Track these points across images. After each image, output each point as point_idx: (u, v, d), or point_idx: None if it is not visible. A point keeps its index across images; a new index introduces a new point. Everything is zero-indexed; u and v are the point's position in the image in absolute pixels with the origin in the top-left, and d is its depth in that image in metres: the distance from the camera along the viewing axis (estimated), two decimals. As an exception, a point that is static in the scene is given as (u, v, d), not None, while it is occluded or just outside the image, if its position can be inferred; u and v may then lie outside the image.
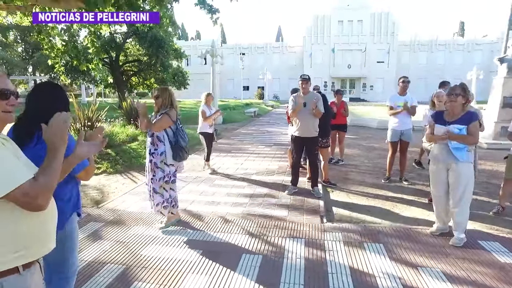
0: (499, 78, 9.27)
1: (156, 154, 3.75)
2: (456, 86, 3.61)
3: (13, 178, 1.15)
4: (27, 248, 1.27)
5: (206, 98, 6.70)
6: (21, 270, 1.25)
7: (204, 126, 6.61)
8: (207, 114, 6.54)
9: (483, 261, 3.16)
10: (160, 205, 3.87)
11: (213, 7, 6.58)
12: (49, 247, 1.39)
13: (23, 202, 1.17)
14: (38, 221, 1.30)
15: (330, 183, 5.67)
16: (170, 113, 3.71)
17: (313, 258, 3.24)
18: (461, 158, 3.46)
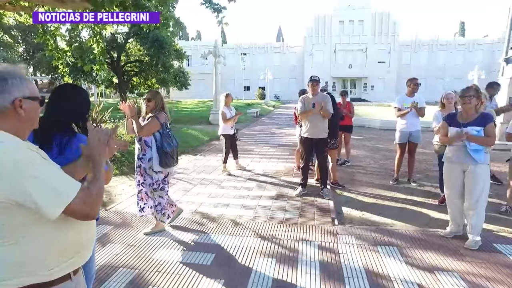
0: (505, 79, 9.23)
1: (144, 160, 3.71)
2: (470, 88, 3.59)
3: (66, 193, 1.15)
4: (78, 254, 1.32)
5: (225, 99, 6.66)
6: (72, 276, 1.30)
7: (225, 128, 6.59)
8: (228, 116, 6.52)
9: (501, 264, 3.12)
10: (153, 209, 3.86)
11: (219, 6, 6.51)
12: (92, 250, 1.45)
13: (79, 212, 1.18)
14: (87, 227, 1.34)
15: (339, 185, 5.64)
16: (159, 116, 3.64)
17: (328, 261, 3.20)
18: (480, 160, 3.42)
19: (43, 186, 1.11)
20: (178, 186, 5.76)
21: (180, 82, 30.63)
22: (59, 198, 1.12)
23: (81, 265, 1.38)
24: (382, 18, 47.32)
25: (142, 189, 3.84)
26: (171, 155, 3.69)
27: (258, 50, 53.02)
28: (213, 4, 6.61)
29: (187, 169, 6.97)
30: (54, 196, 1.12)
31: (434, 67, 48.15)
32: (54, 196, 1.12)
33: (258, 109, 22.87)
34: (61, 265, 1.24)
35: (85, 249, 1.37)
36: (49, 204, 1.11)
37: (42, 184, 1.11)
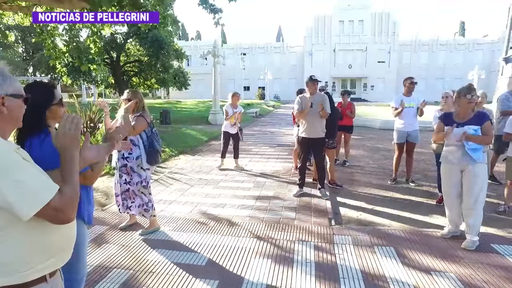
0: (504, 78, 9.19)
1: (131, 159, 3.71)
2: (472, 87, 3.57)
3: (41, 195, 1.11)
4: (55, 256, 1.29)
5: (231, 98, 6.82)
6: (48, 278, 1.27)
7: (226, 125, 6.79)
8: (230, 113, 6.67)
9: (498, 265, 3.09)
10: (141, 208, 3.84)
11: (216, 7, 6.51)
12: (71, 253, 1.41)
13: (52, 217, 1.15)
14: (66, 229, 1.30)
15: (337, 185, 5.60)
16: (145, 115, 3.68)
17: (324, 262, 3.17)
18: (478, 159, 3.40)
19: (18, 187, 1.08)
20: (175, 186, 5.73)
21: (179, 82, 30.62)
22: (33, 200, 1.09)
23: (59, 267, 1.35)
24: (382, 18, 47.28)
25: (129, 187, 3.80)
26: (160, 153, 3.82)
27: (258, 50, 52.99)
28: (209, 5, 6.60)
29: (184, 169, 6.94)
30: (28, 198, 1.09)
31: (434, 67, 48.12)
32: (29, 198, 1.09)
33: (257, 109, 22.85)
34: (37, 267, 1.21)
35: (64, 251, 1.34)
36: (23, 206, 1.08)
37: (18, 185, 1.08)
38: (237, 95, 6.84)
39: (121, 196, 3.85)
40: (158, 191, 5.47)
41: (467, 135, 3.38)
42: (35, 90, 1.76)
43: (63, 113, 1.86)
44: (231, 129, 6.74)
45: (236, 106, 6.78)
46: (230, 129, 6.75)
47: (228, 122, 6.71)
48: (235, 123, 6.74)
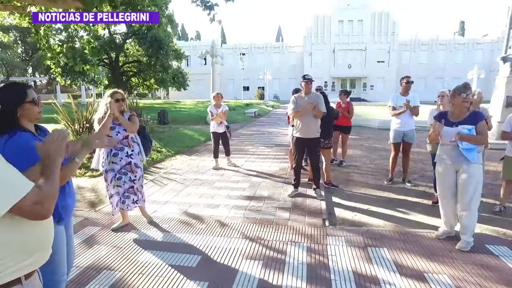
0: (502, 78, 9.16)
1: (135, 155, 3.90)
2: (468, 86, 3.51)
3: (18, 189, 1.13)
4: (31, 257, 1.27)
5: (213, 98, 6.97)
6: (23, 280, 1.25)
7: (213, 125, 6.98)
8: (214, 113, 6.84)
9: (492, 266, 3.06)
10: (142, 199, 4.07)
11: (210, 3, 6.47)
12: (50, 252, 1.40)
13: (29, 212, 1.16)
14: (41, 228, 1.30)
15: (332, 185, 5.56)
16: (135, 114, 3.99)
17: (316, 263, 3.13)
18: (472, 160, 3.35)
19: None
20: (170, 186, 5.69)
21: (178, 83, 30.60)
22: (8, 195, 1.10)
23: (36, 268, 1.33)
24: (382, 18, 47.22)
25: (134, 185, 3.95)
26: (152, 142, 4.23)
27: (258, 50, 52.95)
28: (204, 1, 6.57)
29: (180, 170, 6.90)
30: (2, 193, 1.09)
31: (434, 67, 48.06)
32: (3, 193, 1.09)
33: (256, 109, 22.80)
34: (10, 269, 1.19)
35: (42, 251, 1.33)
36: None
37: None
38: (219, 95, 6.95)
39: (124, 195, 3.93)
40: (153, 191, 5.43)
41: (461, 135, 3.34)
42: (6, 90, 1.80)
43: (37, 113, 1.83)
44: (218, 128, 6.89)
45: (219, 106, 6.88)
46: (217, 129, 6.90)
47: (215, 122, 6.83)
48: (221, 122, 6.83)
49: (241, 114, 20.60)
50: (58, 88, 39.53)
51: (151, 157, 7.80)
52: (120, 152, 3.82)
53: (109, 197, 3.95)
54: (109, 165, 3.83)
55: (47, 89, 52.90)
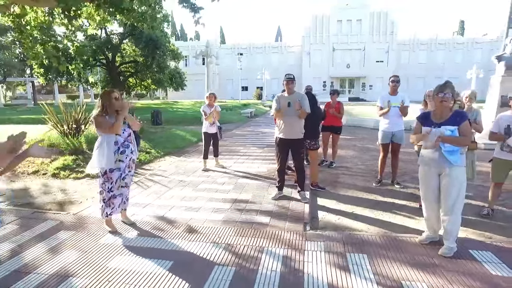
0: (496, 77, 9.02)
1: (135, 151, 4.01)
2: (446, 85, 3.39)
3: None
4: None
5: (207, 98, 6.92)
6: None
7: (205, 125, 6.91)
8: (207, 113, 6.77)
9: (474, 274, 2.92)
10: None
11: (196, 6, 6.37)
12: None
13: None
14: None
15: (319, 187, 5.43)
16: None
17: (290, 270, 3.00)
18: (455, 162, 3.21)
19: None
20: (153, 189, 5.57)
21: (176, 83, 30.51)
22: None
23: None
24: (380, 17, 47.06)
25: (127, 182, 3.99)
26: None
27: (256, 50, 52.82)
28: (190, 3, 6.46)
29: (167, 171, 6.78)
30: None
31: (433, 66, 47.85)
32: None
33: (253, 109, 22.67)
34: None
35: None
36: None
37: None
38: (212, 96, 6.88)
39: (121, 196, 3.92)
40: (135, 193, 5.31)
41: (443, 137, 3.20)
42: None
43: None
44: (210, 128, 6.83)
45: (212, 106, 6.81)
46: (209, 129, 6.84)
47: (207, 123, 6.77)
48: (214, 122, 6.77)
49: (237, 115, 20.46)
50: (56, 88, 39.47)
51: (138, 159, 7.69)
52: (127, 150, 3.85)
53: (107, 198, 3.80)
54: (116, 163, 3.77)
55: (46, 89, 52.85)
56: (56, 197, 5.24)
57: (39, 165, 6.80)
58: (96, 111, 3.71)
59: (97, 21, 7.49)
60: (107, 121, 3.72)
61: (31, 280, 2.86)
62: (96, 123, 3.69)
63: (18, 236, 3.75)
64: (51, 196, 5.28)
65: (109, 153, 3.68)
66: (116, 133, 3.77)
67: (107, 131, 3.70)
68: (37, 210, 4.65)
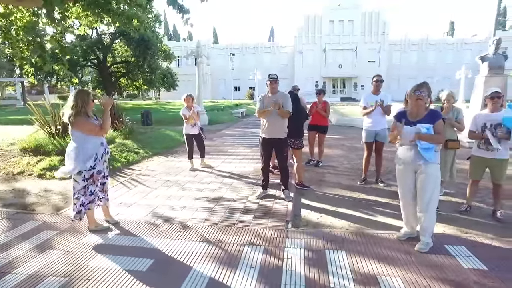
0: (480, 77, 9.19)
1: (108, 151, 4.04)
2: (422, 84, 3.49)
3: None
4: None
5: (184, 100, 6.86)
6: None
7: (186, 127, 6.87)
8: (187, 115, 6.75)
9: (447, 267, 3.01)
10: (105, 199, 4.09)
11: (184, 8, 6.39)
12: None
13: None
14: None
15: (304, 186, 5.49)
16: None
17: (269, 267, 3.05)
18: (430, 159, 3.30)
19: None
20: (139, 188, 5.57)
21: (167, 83, 30.42)
22: None
23: None
24: (372, 18, 47.41)
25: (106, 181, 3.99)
26: None
27: (249, 50, 52.84)
28: (178, 4, 6.48)
29: (154, 171, 6.79)
30: None
31: (424, 66, 48.29)
32: None
33: (244, 109, 22.70)
34: None
35: None
36: None
37: None
38: (189, 97, 6.83)
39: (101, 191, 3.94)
40: (121, 193, 5.32)
41: (419, 134, 3.29)
42: None
43: None
44: (192, 130, 6.82)
45: (191, 107, 6.79)
46: (191, 131, 6.83)
47: (189, 124, 6.76)
48: (195, 123, 6.76)
49: (228, 115, 20.47)
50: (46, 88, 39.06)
51: (126, 159, 7.68)
52: (107, 149, 3.92)
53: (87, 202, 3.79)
54: (103, 164, 3.85)
55: (37, 90, 52.22)
56: (40, 198, 5.22)
57: (25, 165, 6.76)
58: (71, 111, 3.60)
59: (84, 22, 7.46)
60: (92, 123, 3.70)
61: (8, 280, 2.86)
62: (80, 125, 3.60)
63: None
64: (35, 197, 5.26)
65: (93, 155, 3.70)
66: (106, 133, 3.82)
67: (94, 133, 3.69)
68: (20, 210, 4.64)
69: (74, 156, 3.65)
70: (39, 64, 6.00)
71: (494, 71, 8.88)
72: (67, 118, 3.62)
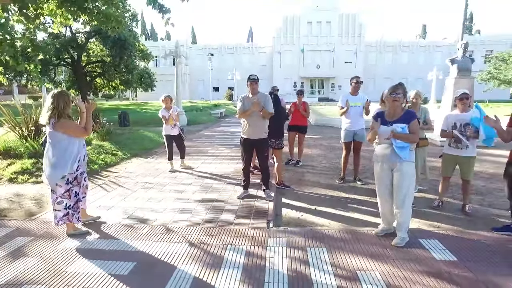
0: (450, 79, 9.60)
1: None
2: (398, 86, 3.63)
3: None
4: None
5: (163, 101, 6.77)
6: None
7: (166, 128, 6.78)
8: (166, 117, 6.66)
9: (421, 260, 3.15)
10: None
11: (164, 7, 6.31)
12: None
13: None
14: None
15: (284, 186, 5.57)
16: None
17: (252, 266, 3.09)
18: (405, 157, 3.44)
19: None
20: (118, 191, 5.47)
21: (145, 83, 29.79)
22: None
23: None
24: (349, 20, 48.48)
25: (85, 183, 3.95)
26: None
27: (228, 50, 52.75)
28: (158, 4, 6.39)
29: (133, 173, 6.67)
30: None
31: (398, 68, 49.84)
32: None
33: (223, 109, 22.65)
34: None
35: None
36: None
37: None
38: (167, 98, 6.77)
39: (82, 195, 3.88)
40: (99, 196, 5.21)
41: (394, 133, 3.42)
42: None
43: None
44: (172, 131, 6.77)
45: (170, 108, 6.73)
46: (171, 132, 6.77)
47: (169, 125, 6.69)
48: (175, 124, 6.71)
49: (207, 115, 20.37)
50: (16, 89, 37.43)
51: (104, 161, 7.51)
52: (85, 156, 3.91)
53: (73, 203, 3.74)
54: (85, 166, 3.84)
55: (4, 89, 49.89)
56: (12, 203, 5.03)
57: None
58: (50, 113, 3.55)
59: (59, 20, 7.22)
60: (77, 124, 3.74)
61: (-18, 288, 2.76)
62: (65, 127, 3.58)
63: (-30, 244, 3.59)
64: (7, 202, 5.06)
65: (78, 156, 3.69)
66: (89, 135, 3.86)
67: (79, 134, 3.70)
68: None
69: (56, 160, 3.60)
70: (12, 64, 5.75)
71: (462, 73, 9.31)
72: (46, 120, 3.56)
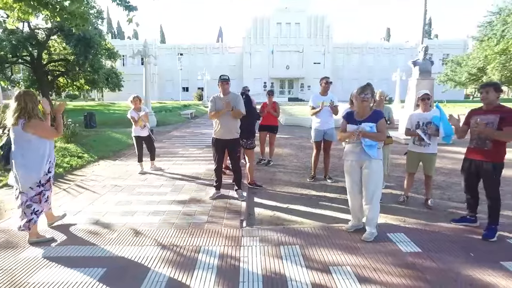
0: (413, 80, 10.11)
1: None
2: (367, 87, 3.75)
3: None
4: None
5: (131, 102, 6.62)
6: None
7: (135, 130, 6.62)
8: (136, 118, 6.51)
9: (389, 252, 3.30)
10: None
11: (130, 5, 6.15)
12: None
13: None
14: None
15: (256, 185, 5.60)
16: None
17: (226, 266, 3.09)
18: (373, 156, 3.57)
19: None
20: (84, 195, 5.25)
21: (112, 83, 28.80)
22: None
23: None
24: (318, 21, 49.58)
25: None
26: None
27: (198, 50, 52.21)
28: (124, 1, 6.22)
29: (101, 176, 6.43)
30: None
31: (365, 69, 51.60)
32: None
33: (193, 110, 22.38)
34: None
35: None
36: None
37: None
38: (137, 99, 6.65)
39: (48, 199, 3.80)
40: (65, 201, 4.98)
41: (363, 132, 3.54)
42: None
43: None
44: (141, 132, 6.63)
45: (139, 109, 6.61)
46: (140, 133, 6.63)
47: (138, 127, 6.54)
48: (145, 125, 6.57)
49: (177, 116, 20.04)
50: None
51: (69, 164, 7.18)
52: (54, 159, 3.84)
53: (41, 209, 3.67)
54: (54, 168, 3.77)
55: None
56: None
57: None
58: (16, 114, 3.40)
59: (16, 15, 6.81)
60: (49, 125, 3.67)
61: None
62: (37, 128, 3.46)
63: None
64: (-39, 210, 4.71)
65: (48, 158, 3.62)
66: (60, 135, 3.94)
67: (50, 135, 3.64)
68: None
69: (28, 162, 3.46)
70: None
71: (424, 75, 9.83)
72: (14, 121, 3.41)
